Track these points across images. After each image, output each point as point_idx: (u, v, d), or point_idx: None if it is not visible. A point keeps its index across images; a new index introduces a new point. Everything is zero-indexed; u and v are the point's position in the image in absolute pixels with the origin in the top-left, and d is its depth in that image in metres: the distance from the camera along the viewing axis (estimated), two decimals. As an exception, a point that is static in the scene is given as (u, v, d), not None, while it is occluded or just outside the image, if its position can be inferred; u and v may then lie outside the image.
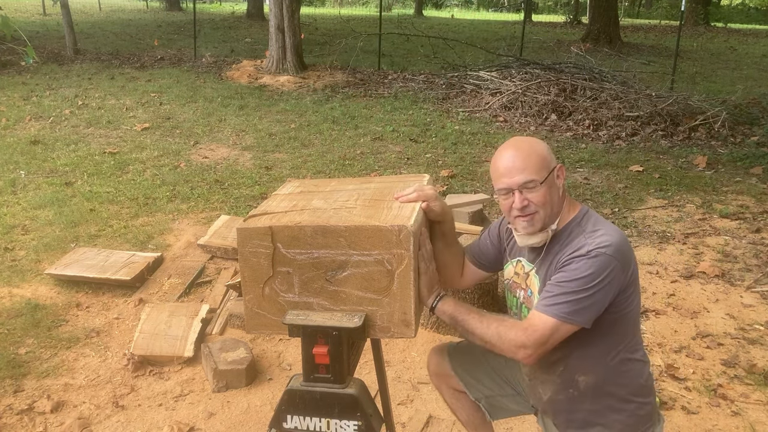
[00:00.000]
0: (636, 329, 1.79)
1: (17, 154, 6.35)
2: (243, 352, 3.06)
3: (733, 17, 28.53)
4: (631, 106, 8.04)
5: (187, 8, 25.50)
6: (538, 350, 1.64)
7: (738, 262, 4.25)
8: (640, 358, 1.79)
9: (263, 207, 1.84)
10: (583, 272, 1.63)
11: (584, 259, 1.64)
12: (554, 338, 1.64)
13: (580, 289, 1.62)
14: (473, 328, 1.71)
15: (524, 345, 1.63)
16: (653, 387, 1.84)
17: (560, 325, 1.63)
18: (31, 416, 2.76)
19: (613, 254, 1.63)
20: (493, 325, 1.68)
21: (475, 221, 3.66)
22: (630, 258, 1.70)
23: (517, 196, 1.72)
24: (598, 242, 1.65)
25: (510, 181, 1.72)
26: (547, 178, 1.72)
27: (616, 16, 17.73)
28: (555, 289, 1.65)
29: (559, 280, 1.66)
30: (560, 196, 1.78)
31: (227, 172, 5.98)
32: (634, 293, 1.73)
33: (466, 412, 2.19)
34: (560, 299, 1.63)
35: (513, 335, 1.64)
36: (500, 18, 29.60)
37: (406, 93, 9.71)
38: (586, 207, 1.83)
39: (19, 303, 3.64)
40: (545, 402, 1.88)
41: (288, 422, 1.71)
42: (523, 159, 1.72)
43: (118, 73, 10.95)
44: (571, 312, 1.62)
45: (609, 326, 1.71)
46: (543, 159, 1.73)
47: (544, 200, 1.72)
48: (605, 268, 1.62)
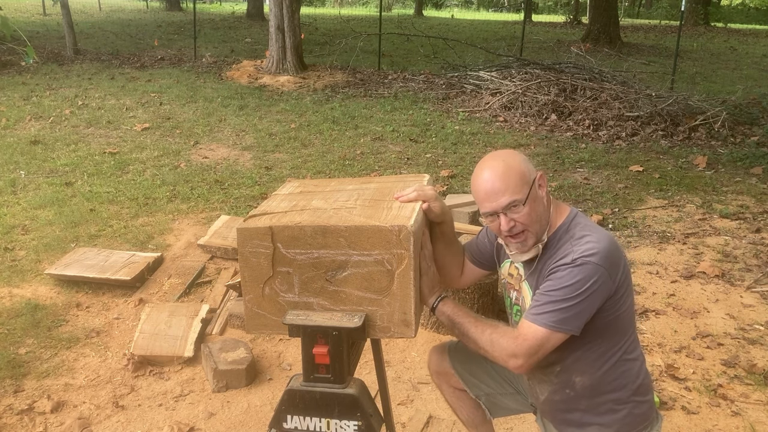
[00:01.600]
0: (631, 329, 1.79)
1: (17, 154, 6.35)
2: (243, 352, 3.06)
3: (733, 17, 28.53)
4: (631, 106, 8.03)
5: (187, 8, 25.50)
6: (529, 360, 1.64)
7: (738, 262, 4.25)
8: (637, 358, 1.79)
9: (263, 207, 1.84)
10: (568, 281, 1.63)
11: (569, 267, 1.64)
12: (545, 348, 1.65)
13: (566, 297, 1.62)
14: (468, 332, 1.72)
15: (515, 354, 1.64)
16: (651, 385, 1.84)
17: (550, 335, 1.63)
18: (31, 416, 2.76)
19: (599, 262, 1.62)
20: (487, 332, 1.69)
21: (475, 221, 3.66)
22: (618, 263, 1.68)
23: (503, 219, 1.71)
24: (583, 250, 1.64)
25: (493, 205, 1.70)
26: (529, 194, 1.69)
27: (616, 16, 17.73)
28: (542, 299, 1.66)
29: (546, 289, 1.67)
30: (545, 206, 1.76)
31: (227, 172, 5.98)
32: (625, 295, 1.72)
33: (466, 411, 2.19)
34: (547, 308, 1.64)
35: (505, 343, 1.65)
36: (500, 18, 29.60)
37: (406, 93, 9.71)
38: (575, 210, 1.81)
39: (19, 303, 3.64)
40: (542, 402, 1.89)
41: (288, 422, 1.71)
42: (501, 180, 1.69)
43: (118, 73, 10.95)
44: (558, 321, 1.62)
45: (603, 328, 1.71)
46: (521, 175, 1.70)
47: (530, 218, 1.71)
48: (591, 276, 1.62)
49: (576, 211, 1.80)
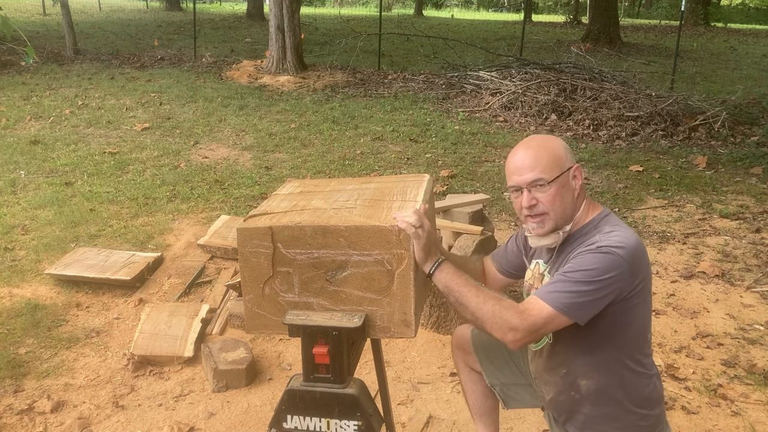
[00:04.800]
0: (643, 342, 1.75)
1: (17, 154, 6.35)
2: (243, 352, 3.06)
3: (733, 17, 28.54)
4: (631, 106, 8.03)
5: (187, 8, 25.50)
6: (528, 336, 1.59)
7: (738, 262, 4.24)
8: (646, 371, 1.75)
9: (263, 207, 1.84)
10: (588, 265, 1.59)
11: (593, 253, 1.60)
12: (546, 328, 1.60)
13: (581, 280, 1.58)
14: (468, 301, 1.63)
15: (515, 328, 1.57)
16: (660, 399, 1.79)
17: (556, 316, 1.58)
18: (31, 416, 2.76)
19: (625, 256, 1.59)
20: (490, 303, 1.61)
21: (475, 221, 3.65)
22: (641, 266, 1.64)
23: (525, 194, 1.70)
24: (611, 241, 1.61)
25: (519, 179, 1.70)
26: (558, 177, 1.68)
27: (616, 16, 17.74)
28: (558, 278, 1.63)
29: (565, 270, 1.63)
30: (575, 198, 1.73)
31: (227, 172, 5.98)
32: (640, 305, 1.68)
33: (476, 397, 2.18)
34: (560, 287, 1.59)
35: (508, 316, 1.58)
36: (500, 18, 29.61)
37: (406, 93, 9.71)
38: (608, 210, 1.79)
39: (19, 303, 3.64)
40: (548, 401, 1.89)
41: (288, 422, 1.71)
42: (533, 157, 1.69)
43: (118, 73, 10.95)
44: (567, 305, 1.58)
45: (613, 335, 1.69)
46: (555, 158, 1.69)
47: (554, 200, 1.69)
48: (612, 267, 1.58)
49: (608, 212, 1.78)
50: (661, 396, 1.80)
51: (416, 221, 1.61)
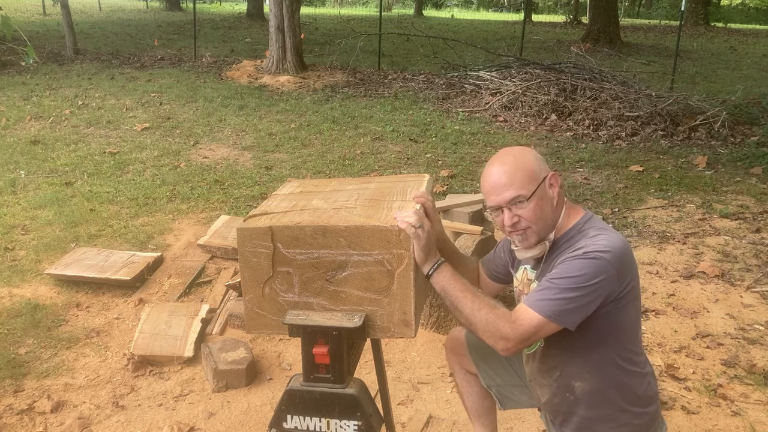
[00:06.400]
0: (634, 341, 1.76)
1: (17, 154, 6.35)
2: (243, 352, 3.06)
3: (733, 17, 28.54)
4: (631, 106, 8.03)
5: (187, 8, 25.50)
6: (519, 345, 1.62)
7: (738, 262, 4.24)
8: (639, 369, 1.76)
9: (263, 207, 1.84)
10: (575, 271, 1.60)
11: (579, 258, 1.62)
12: (537, 335, 1.62)
13: (569, 287, 1.59)
14: (463, 306, 1.65)
15: (506, 337, 1.60)
16: (655, 396, 1.80)
17: (546, 323, 1.60)
18: (31, 416, 2.76)
19: (611, 260, 1.60)
20: (484, 310, 1.63)
21: (475, 221, 3.65)
22: (629, 269, 1.66)
23: (506, 213, 1.70)
24: (597, 245, 1.62)
25: (497, 198, 1.70)
26: (535, 191, 1.69)
27: (616, 16, 17.74)
28: (545, 284, 1.64)
29: (551, 277, 1.64)
30: (555, 206, 1.74)
31: (227, 172, 5.98)
32: (630, 304, 1.69)
33: (473, 399, 2.18)
34: (548, 295, 1.61)
35: (500, 325, 1.61)
36: (500, 18, 29.61)
37: (406, 93, 9.71)
38: (590, 213, 1.80)
39: (19, 303, 3.64)
40: (543, 403, 1.89)
41: (288, 422, 1.71)
42: (508, 175, 1.69)
43: (118, 73, 10.94)
44: (557, 312, 1.59)
45: (604, 335, 1.69)
46: (530, 172, 1.69)
47: (535, 215, 1.70)
48: (599, 272, 1.59)
49: (591, 214, 1.79)
50: (656, 393, 1.81)
51: (416, 221, 1.62)
